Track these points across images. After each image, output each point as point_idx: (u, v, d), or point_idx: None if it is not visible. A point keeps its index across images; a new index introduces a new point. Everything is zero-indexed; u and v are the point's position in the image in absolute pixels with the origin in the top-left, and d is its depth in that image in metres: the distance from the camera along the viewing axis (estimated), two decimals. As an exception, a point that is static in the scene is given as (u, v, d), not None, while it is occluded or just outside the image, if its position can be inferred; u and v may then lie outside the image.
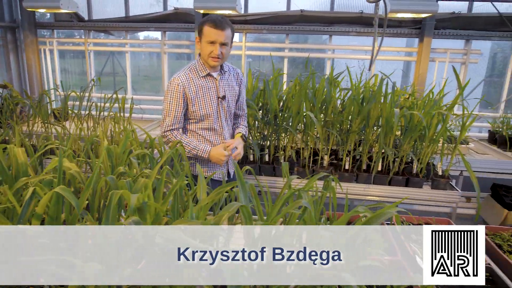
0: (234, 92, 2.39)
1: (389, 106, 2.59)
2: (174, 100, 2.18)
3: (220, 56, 2.15)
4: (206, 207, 1.21)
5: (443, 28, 4.44)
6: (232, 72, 2.40)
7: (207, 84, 2.25)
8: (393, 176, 2.77)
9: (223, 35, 2.09)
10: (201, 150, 2.21)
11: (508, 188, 3.45)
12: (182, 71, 2.23)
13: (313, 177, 1.46)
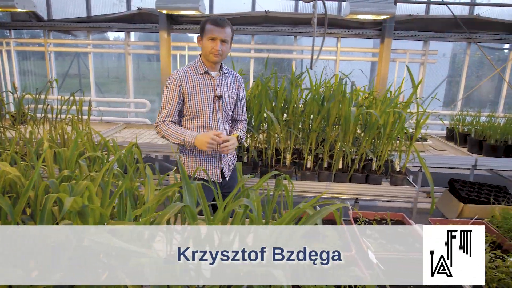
0: (232, 94, 2.40)
1: (347, 105, 2.65)
2: (171, 93, 2.24)
3: (221, 53, 2.20)
4: (152, 208, 1.19)
5: (403, 29, 4.60)
6: (231, 76, 2.45)
7: (204, 81, 2.29)
8: (353, 174, 2.84)
9: (223, 32, 2.16)
10: (188, 135, 2.18)
11: (464, 182, 3.60)
12: (182, 68, 2.31)
13: (263, 177, 1.48)
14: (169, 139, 2.24)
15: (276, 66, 5.27)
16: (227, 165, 2.42)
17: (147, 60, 6.25)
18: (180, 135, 2.20)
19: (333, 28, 4.68)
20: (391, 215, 2.12)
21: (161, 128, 2.25)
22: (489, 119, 3.76)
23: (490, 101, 5.11)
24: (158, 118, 2.29)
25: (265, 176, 1.49)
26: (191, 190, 1.15)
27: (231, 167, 2.47)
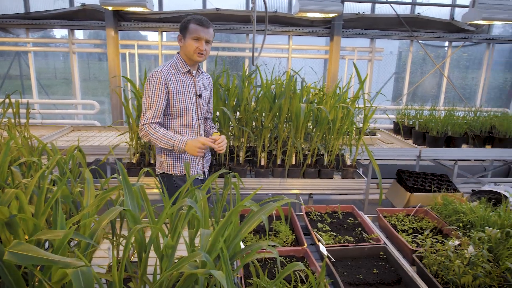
0: (207, 93, 2.44)
1: (298, 101, 2.69)
2: (156, 93, 2.16)
3: (205, 53, 2.20)
4: (92, 213, 1.13)
5: (351, 27, 4.75)
6: (205, 75, 2.47)
7: (186, 80, 2.28)
8: (306, 169, 2.88)
9: (208, 32, 2.17)
10: (178, 140, 2.14)
11: (410, 172, 3.79)
12: (163, 66, 2.23)
13: (212, 175, 1.45)
14: (156, 143, 2.17)
15: (231, 64, 5.25)
16: (206, 162, 2.48)
17: (97, 60, 5.96)
18: (169, 140, 2.14)
19: (284, 26, 4.73)
20: (341, 208, 2.18)
21: (148, 132, 2.16)
22: (431, 113, 3.98)
23: (433, 95, 5.42)
24: (142, 120, 2.18)
25: (214, 175, 1.46)
26: (132, 192, 1.10)
27: (208, 165, 2.54)
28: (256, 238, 1.84)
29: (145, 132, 2.17)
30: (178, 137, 2.16)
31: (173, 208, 1.05)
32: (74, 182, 1.67)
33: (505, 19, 3.79)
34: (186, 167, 1.58)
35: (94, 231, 0.94)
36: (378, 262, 1.66)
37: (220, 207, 1.44)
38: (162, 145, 2.16)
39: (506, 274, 1.45)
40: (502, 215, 1.83)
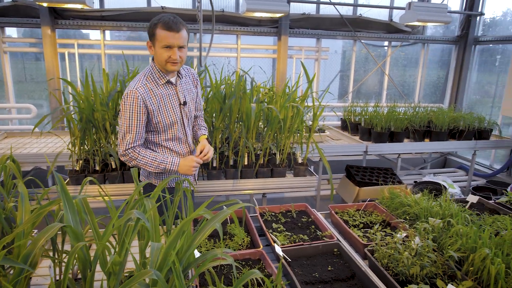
0: (193, 94, 2.23)
1: (248, 101, 2.67)
2: (135, 115, 1.94)
3: (179, 60, 1.94)
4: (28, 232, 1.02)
5: (298, 27, 4.83)
6: (188, 74, 2.22)
7: (167, 91, 2.05)
8: (258, 169, 2.88)
9: (179, 37, 1.88)
10: (169, 163, 2.03)
11: (358, 167, 3.94)
12: (138, 81, 1.97)
13: (161, 183, 1.38)
14: (146, 168, 2.03)
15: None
16: (196, 171, 2.29)
17: (34, 60, 5.51)
18: (159, 164, 2.02)
19: (232, 26, 4.70)
20: (295, 206, 2.20)
21: (132, 157, 2.00)
22: (375, 109, 4.17)
23: (376, 92, 5.67)
24: (123, 145, 1.98)
25: (164, 181, 1.40)
26: (73, 205, 1.01)
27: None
28: (210, 243, 1.79)
29: (129, 157, 2.01)
30: (169, 159, 2.04)
31: (120, 221, 0.98)
32: (7, 196, 1.52)
33: (437, 20, 4.06)
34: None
35: (29, 252, 0.85)
36: (333, 259, 1.69)
37: (172, 215, 1.38)
38: (153, 169, 2.03)
39: (449, 261, 1.54)
40: (443, 205, 1.95)
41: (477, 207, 2.27)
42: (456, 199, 2.31)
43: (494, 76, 5.26)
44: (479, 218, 1.97)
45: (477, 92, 5.55)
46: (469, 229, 1.60)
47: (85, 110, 2.59)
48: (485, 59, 5.36)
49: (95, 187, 2.72)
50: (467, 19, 5.19)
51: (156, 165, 2.02)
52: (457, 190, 4.03)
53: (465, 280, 1.46)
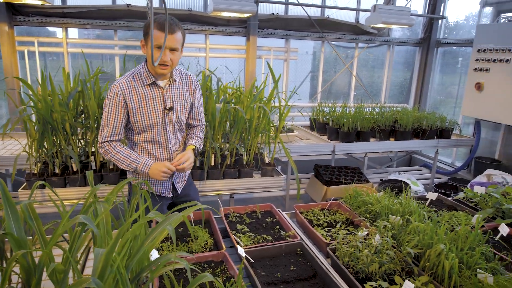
0: (185, 102, 2.13)
1: (213, 102, 2.65)
2: (113, 109, 1.94)
3: (169, 63, 1.89)
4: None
5: (266, 27, 4.84)
6: (184, 80, 2.13)
7: (151, 93, 1.99)
8: (225, 169, 2.86)
9: (173, 39, 1.83)
10: (141, 164, 1.98)
11: (326, 167, 3.99)
12: (124, 77, 1.97)
13: (118, 185, 1.34)
14: (118, 164, 2.01)
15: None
16: (179, 177, 2.25)
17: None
18: (131, 162, 1.98)
19: (200, 25, 4.65)
20: (260, 207, 2.19)
21: (107, 151, 2.00)
22: (342, 109, 4.24)
23: (345, 93, 5.77)
24: (100, 137, 1.99)
25: (120, 184, 1.35)
26: (16, 213, 0.96)
27: (184, 179, 2.30)
28: (173, 246, 1.75)
29: (105, 150, 2.01)
30: (142, 159, 2.00)
31: (66, 226, 0.93)
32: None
33: (400, 23, 4.17)
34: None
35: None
36: (295, 259, 1.69)
37: (129, 218, 1.34)
38: (124, 167, 2.00)
39: (407, 258, 1.57)
40: (403, 203, 1.99)
41: (436, 204, 2.34)
42: (417, 196, 2.37)
43: (456, 78, 5.48)
44: (437, 214, 2.03)
45: (441, 92, 5.76)
46: (426, 225, 1.65)
47: (42, 111, 2.48)
48: (447, 61, 5.57)
49: (57, 191, 2.61)
50: (430, 22, 5.38)
51: (128, 163, 1.99)
52: (421, 188, 4.16)
53: (421, 275, 1.49)
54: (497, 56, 3.90)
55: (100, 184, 1.36)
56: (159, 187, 2.18)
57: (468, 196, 2.38)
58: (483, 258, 1.52)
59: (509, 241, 1.88)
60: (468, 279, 1.43)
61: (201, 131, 2.32)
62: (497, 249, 1.76)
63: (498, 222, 1.99)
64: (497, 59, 3.90)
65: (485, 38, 4.05)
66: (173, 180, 2.21)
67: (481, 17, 4.79)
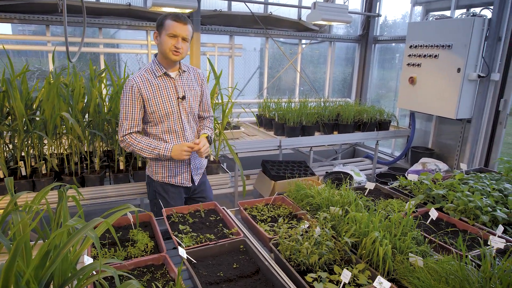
0: (195, 92, 2.28)
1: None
2: (130, 102, 2.10)
3: (181, 51, 2.07)
4: None
5: (210, 24, 4.78)
6: (192, 72, 2.30)
7: (164, 83, 2.15)
8: (169, 169, 2.78)
9: (185, 29, 2.05)
10: (163, 149, 2.12)
11: (273, 162, 4.04)
12: (137, 72, 2.15)
13: (41, 190, 1.24)
14: (141, 154, 2.15)
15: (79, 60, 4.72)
16: (196, 169, 2.37)
17: None
18: (153, 149, 2.12)
19: (140, 21, 4.48)
20: (204, 206, 2.15)
21: (129, 143, 2.14)
22: (287, 104, 4.30)
23: (291, 88, 5.88)
24: (121, 131, 2.14)
25: (44, 189, 1.26)
26: None
27: (200, 171, 2.42)
28: (110, 252, 1.67)
29: (127, 143, 2.15)
30: (163, 145, 2.13)
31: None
32: None
33: (339, 20, 4.31)
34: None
35: None
36: (239, 256, 1.68)
37: (55, 227, 1.24)
38: (147, 155, 2.14)
39: (345, 247, 1.62)
40: (343, 194, 2.06)
41: (374, 193, 2.45)
42: (356, 187, 2.47)
43: (394, 73, 5.78)
44: (374, 203, 2.12)
45: (382, 87, 6.05)
46: (362, 215, 1.71)
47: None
48: (386, 57, 5.86)
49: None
50: (367, 20, 5.62)
51: (151, 150, 2.12)
52: (363, 178, 4.35)
53: (359, 263, 1.55)
54: (427, 52, 4.17)
55: (22, 192, 1.25)
56: (179, 178, 2.32)
57: (403, 184, 2.52)
58: (414, 243, 1.61)
59: (438, 224, 2.02)
60: (401, 263, 1.51)
61: (211, 122, 2.47)
62: (428, 233, 1.88)
63: (428, 207, 2.13)
64: (427, 55, 4.17)
65: (416, 35, 4.32)
66: (191, 169, 2.33)
67: (412, 16, 5.09)
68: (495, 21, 3.72)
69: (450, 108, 3.97)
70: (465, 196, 2.08)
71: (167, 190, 2.32)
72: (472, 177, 2.47)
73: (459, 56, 3.82)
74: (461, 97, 3.88)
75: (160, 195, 2.32)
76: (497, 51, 3.83)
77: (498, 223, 1.95)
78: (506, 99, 3.93)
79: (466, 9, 4.27)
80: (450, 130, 4.54)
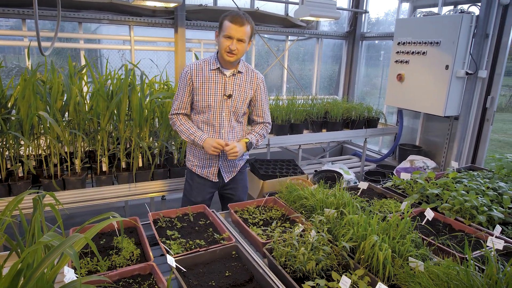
0: (245, 94, 2.30)
1: (137, 97, 2.43)
2: (181, 86, 2.24)
3: (236, 52, 2.11)
4: None
5: (195, 19, 4.65)
6: (249, 75, 2.32)
7: (215, 77, 2.22)
8: (155, 170, 2.66)
9: (241, 31, 2.07)
10: (198, 137, 2.22)
11: (262, 161, 3.95)
12: (197, 60, 2.26)
13: (16, 197, 1.12)
14: (180, 135, 2.28)
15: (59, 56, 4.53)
16: (227, 167, 2.40)
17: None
18: (190, 134, 2.23)
19: (123, 15, 4.31)
20: (192, 209, 2.06)
21: (174, 122, 2.29)
22: (275, 102, 4.22)
23: (278, 85, 5.80)
24: (172, 109, 2.30)
25: (17, 197, 1.14)
26: None
27: (233, 170, 2.44)
28: (93, 262, 1.55)
29: (172, 122, 2.30)
30: (200, 133, 2.23)
31: None
32: None
33: (327, 16, 4.25)
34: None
35: None
36: (231, 263, 1.59)
37: (30, 238, 1.13)
38: (184, 137, 2.26)
39: (342, 252, 1.55)
40: (337, 195, 1.99)
41: (367, 192, 2.39)
42: (349, 187, 2.41)
43: (379, 70, 5.77)
44: (369, 204, 2.06)
45: (367, 84, 6.03)
46: (359, 217, 1.64)
47: None
48: (371, 54, 5.84)
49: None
50: (354, 16, 5.58)
51: (188, 135, 2.24)
52: (352, 176, 4.31)
53: (357, 268, 1.48)
54: (415, 49, 4.15)
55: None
56: (205, 170, 2.37)
57: (396, 184, 2.47)
58: (413, 245, 1.55)
59: (434, 224, 1.97)
60: (401, 267, 1.45)
61: (263, 128, 2.47)
62: (424, 234, 1.82)
63: (423, 207, 2.08)
64: (415, 52, 4.15)
65: (404, 32, 4.29)
66: (219, 166, 2.36)
67: (399, 12, 5.07)
68: (483, 18, 3.72)
69: (438, 105, 3.96)
70: (460, 195, 2.04)
71: (193, 178, 2.41)
72: (465, 176, 2.44)
73: (447, 53, 3.81)
74: (449, 94, 3.87)
75: (187, 182, 2.44)
76: (484, 48, 3.83)
77: (493, 223, 1.91)
78: (493, 96, 3.94)
79: (454, 5, 4.27)
80: (437, 127, 4.55)
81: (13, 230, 1.09)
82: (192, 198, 2.41)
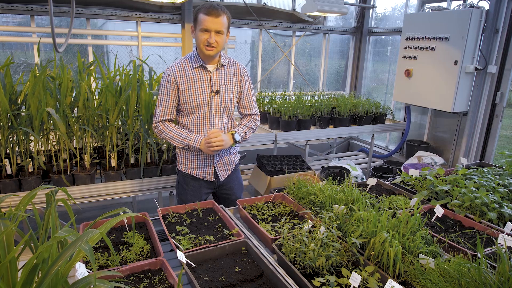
0: (232, 88, 2.23)
1: (146, 93, 2.44)
2: (165, 90, 2.14)
3: (215, 45, 2.03)
4: None
5: (202, 15, 4.64)
6: (232, 67, 2.24)
7: (199, 75, 2.14)
8: (163, 166, 2.67)
9: (217, 22, 1.99)
10: (192, 140, 2.13)
11: (269, 156, 3.95)
12: (177, 61, 2.16)
13: (28, 193, 1.13)
14: (171, 142, 2.16)
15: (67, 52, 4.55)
16: (223, 165, 2.33)
17: None
18: (184, 139, 2.13)
19: (130, 11, 4.32)
20: (201, 204, 2.06)
21: (161, 130, 2.17)
22: (282, 98, 4.21)
23: (284, 81, 5.78)
24: (154, 118, 2.18)
25: (30, 193, 1.15)
26: None
27: (228, 167, 2.37)
28: (104, 256, 1.57)
29: (159, 130, 2.18)
30: (193, 136, 2.13)
31: None
32: None
33: (335, 11, 4.22)
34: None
35: None
36: (241, 259, 1.60)
37: (43, 233, 1.14)
38: (177, 144, 2.15)
39: (352, 248, 1.55)
40: (346, 191, 1.99)
41: (376, 189, 2.38)
42: (357, 183, 2.40)
43: (386, 65, 5.72)
44: (378, 200, 2.06)
45: (373, 80, 5.99)
46: (369, 213, 1.64)
47: None
48: (378, 49, 5.80)
49: None
50: (362, 11, 5.53)
51: (181, 140, 2.13)
52: (359, 172, 4.30)
53: (367, 265, 1.48)
54: (424, 44, 4.11)
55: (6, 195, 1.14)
56: (200, 171, 2.29)
57: (405, 180, 2.46)
58: (423, 242, 1.55)
59: (444, 221, 1.96)
60: (411, 264, 1.45)
61: (251, 121, 2.37)
62: (434, 231, 1.82)
63: (433, 203, 2.07)
64: (423, 47, 4.11)
65: (412, 27, 4.24)
66: (214, 164, 2.29)
67: (407, 7, 5.02)
68: (493, 13, 3.67)
69: (447, 101, 3.93)
70: (470, 192, 2.02)
71: (187, 182, 2.33)
72: (475, 172, 2.42)
73: (456, 49, 3.77)
74: (458, 90, 3.83)
75: (181, 186, 2.35)
76: (494, 44, 3.78)
77: (504, 220, 1.90)
78: (503, 91, 3.89)
79: (463, 0, 4.21)
80: (445, 123, 4.51)
81: (24, 224, 1.10)
82: (187, 202, 2.29)
